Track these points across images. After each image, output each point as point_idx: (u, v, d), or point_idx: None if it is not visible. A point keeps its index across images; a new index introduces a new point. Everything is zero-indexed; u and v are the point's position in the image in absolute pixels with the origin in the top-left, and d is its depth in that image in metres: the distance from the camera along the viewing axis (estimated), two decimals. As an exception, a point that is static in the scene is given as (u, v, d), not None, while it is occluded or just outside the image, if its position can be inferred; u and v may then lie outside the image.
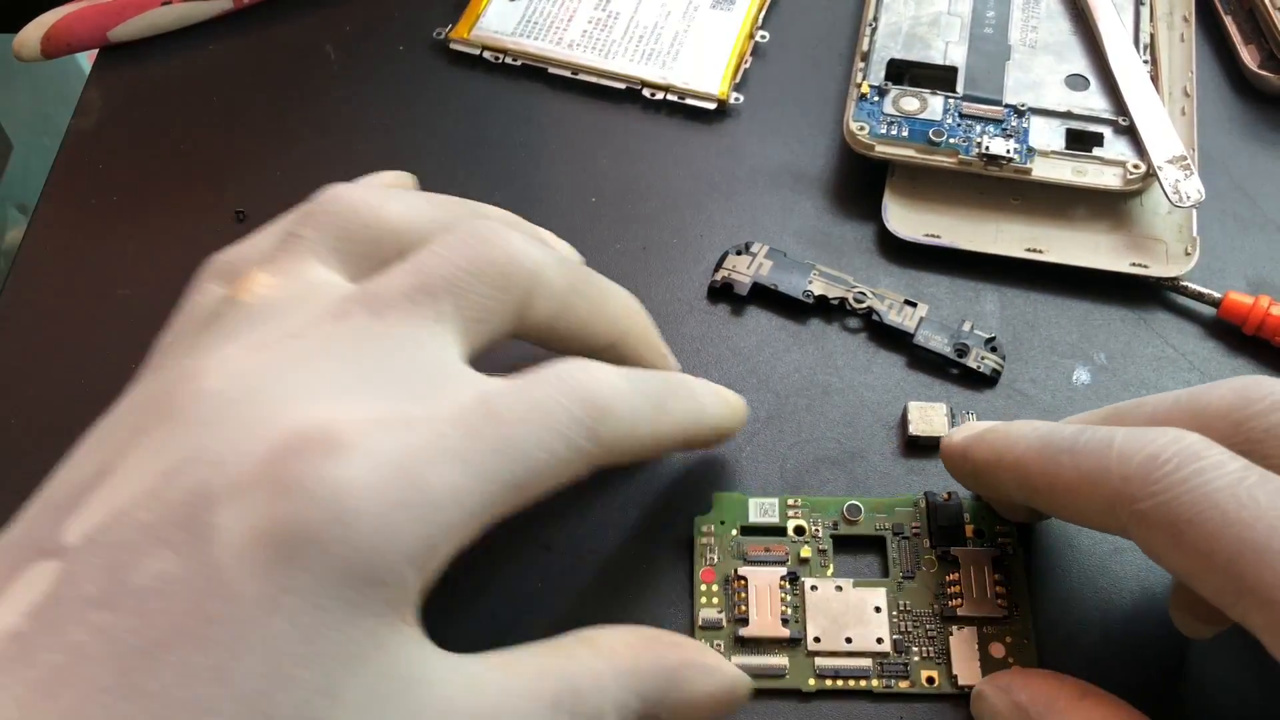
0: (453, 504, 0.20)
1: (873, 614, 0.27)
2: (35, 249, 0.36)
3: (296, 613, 0.18)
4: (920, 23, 0.38)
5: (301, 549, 0.18)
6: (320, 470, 0.19)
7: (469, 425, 0.21)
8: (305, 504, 0.18)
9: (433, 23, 0.40)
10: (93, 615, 0.18)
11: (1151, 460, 0.21)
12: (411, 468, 0.20)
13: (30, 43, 0.39)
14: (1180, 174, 0.33)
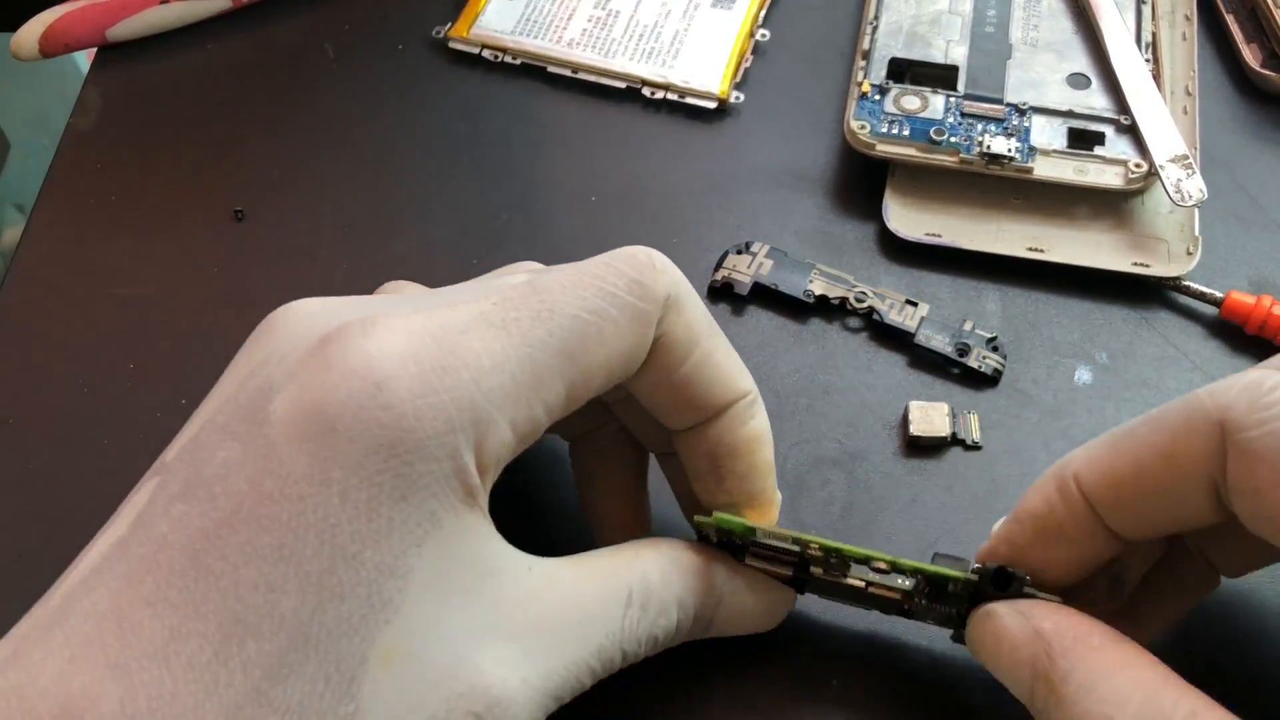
0: (494, 369, 0.20)
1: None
2: (33, 248, 0.35)
3: (348, 486, 0.19)
4: (921, 21, 0.38)
5: (342, 418, 0.19)
6: (357, 345, 0.19)
7: (510, 299, 0.21)
8: (342, 375, 0.19)
9: (432, 21, 0.40)
10: (174, 508, 0.19)
11: (1255, 386, 0.20)
12: (446, 337, 0.20)
13: (28, 42, 0.39)
14: (1182, 173, 0.33)
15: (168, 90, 0.39)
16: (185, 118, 0.39)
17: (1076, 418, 0.31)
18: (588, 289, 0.21)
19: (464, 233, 0.35)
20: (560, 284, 0.21)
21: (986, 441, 0.30)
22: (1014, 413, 0.31)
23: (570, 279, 0.22)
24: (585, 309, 0.21)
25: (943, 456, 0.30)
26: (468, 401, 0.20)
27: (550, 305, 0.21)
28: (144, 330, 0.34)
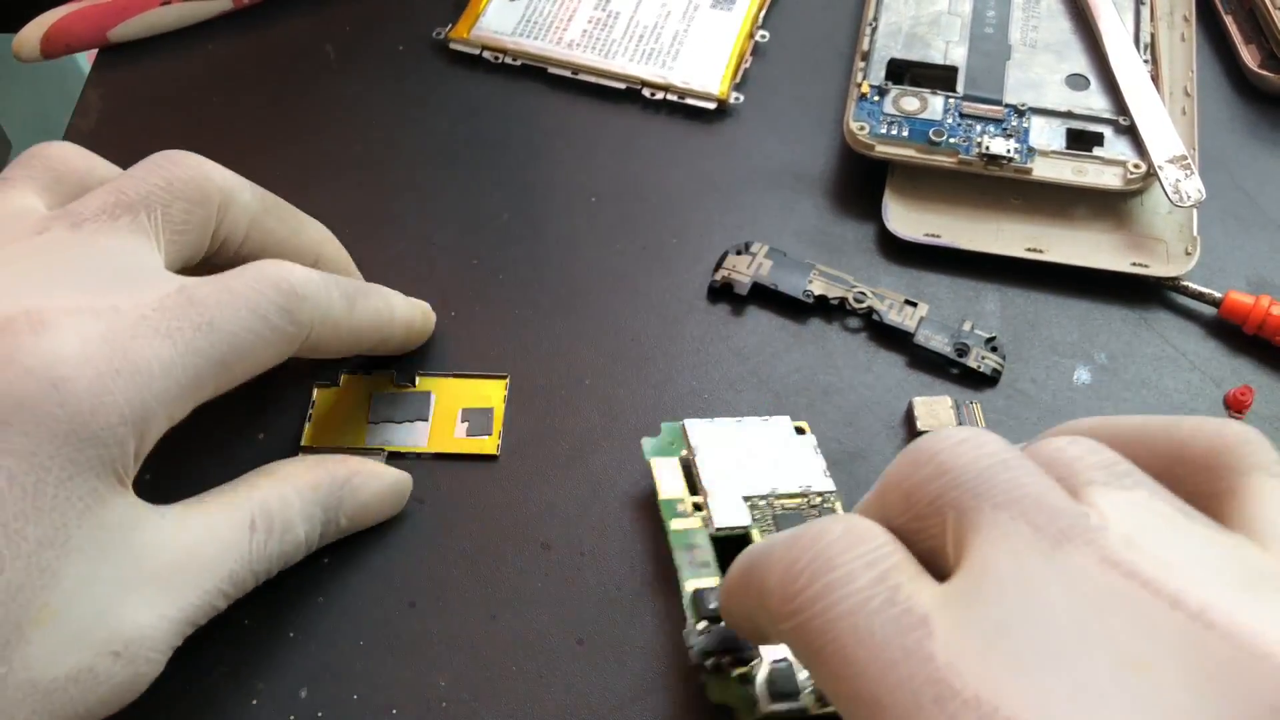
0: (162, 375, 0.23)
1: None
2: (34, 249, 0.35)
3: (17, 473, 0.20)
4: (920, 22, 0.38)
5: (17, 415, 0.21)
6: (30, 345, 0.21)
7: (171, 309, 0.23)
8: (18, 374, 0.21)
9: (432, 22, 0.40)
10: None
11: (788, 572, 0.18)
12: (118, 342, 0.22)
13: (30, 43, 0.39)
14: (1181, 173, 0.33)
15: (169, 91, 0.39)
16: (186, 118, 0.39)
17: (1075, 418, 0.31)
18: (243, 309, 0.24)
19: (464, 233, 0.35)
20: (216, 300, 0.24)
21: (985, 441, 0.30)
22: (1013, 413, 0.31)
23: (225, 298, 0.24)
24: (241, 328, 0.24)
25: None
26: (139, 402, 0.22)
27: (209, 320, 0.24)
28: (145, 330, 0.34)
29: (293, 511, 0.26)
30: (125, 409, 0.22)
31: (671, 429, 0.29)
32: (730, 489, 0.28)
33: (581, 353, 0.32)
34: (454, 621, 0.28)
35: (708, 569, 0.27)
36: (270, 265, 0.25)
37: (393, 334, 0.30)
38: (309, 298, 0.25)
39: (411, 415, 0.30)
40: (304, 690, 0.26)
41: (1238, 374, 0.32)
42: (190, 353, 0.23)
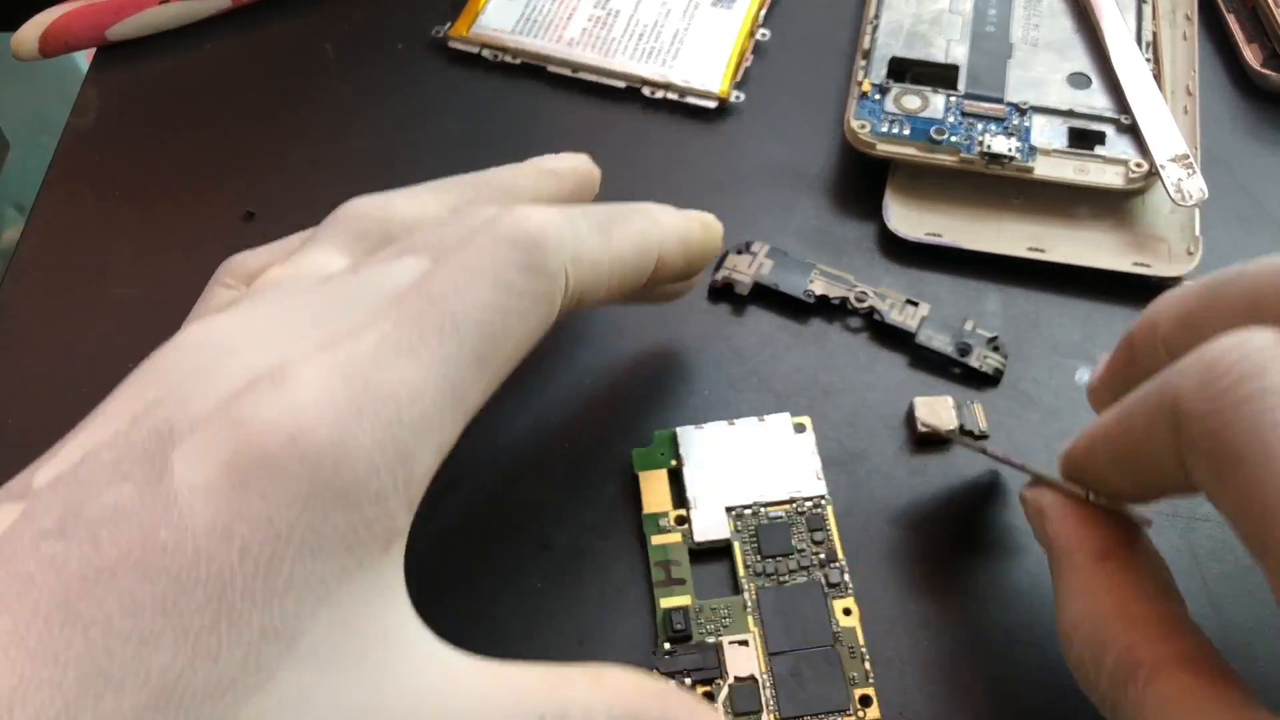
0: (413, 399, 0.19)
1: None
2: (33, 248, 0.35)
3: (250, 543, 0.17)
4: (922, 20, 0.38)
5: (254, 474, 0.18)
6: (270, 399, 0.18)
7: (410, 316, 0.20)
8: (256, 430, 0.18)
9: (431, 21, 0.40)
10: (45, 546, 0.17)
11: (1209, 370, 0.18)
12: (359, 375, 0.19)
13: (28, 41, 0.39)
14: (1183, 173, 0.33)
15: (168, 90, 0.39)
16: (185, 117, 0.39)
17: (1077, 418, 0.31)
18: (484, 287, 0.21)
19: (464, 232, 0.35)
20: (454, 288, 0.21)
21: (988, 442, 0.30)
22: (1015, 413, 0.31)
23: (463, 280, 0.21)
24: (488, 310, 0.21)
25: (944, 456, 0.30)
26: (390, 440, 0.19)
27: (452, 315, 0.20)
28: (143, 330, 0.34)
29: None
30: (375, 454, 0.18)
31: (663, 437, 0.29)
32: (715, 499, 0.28)
33: (581, 353, 0.32)
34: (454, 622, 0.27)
35: (682, 587, 0.27)
36: (502, 221, 0.22)
37: (669, 257, 0.26)
38: (553, 242, 0.22)
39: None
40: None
41: (1240, 374, 0.32)
42: (440, 362, 0.20)
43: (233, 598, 0.17)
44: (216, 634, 0.17)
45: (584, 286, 0.23)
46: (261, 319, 0.21)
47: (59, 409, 0.32)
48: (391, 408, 0.19)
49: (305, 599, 0.18)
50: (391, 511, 0.19)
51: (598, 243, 0.23)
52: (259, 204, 0.36)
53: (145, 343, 0.33)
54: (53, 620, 0.17)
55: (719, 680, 0.26)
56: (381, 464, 0.18)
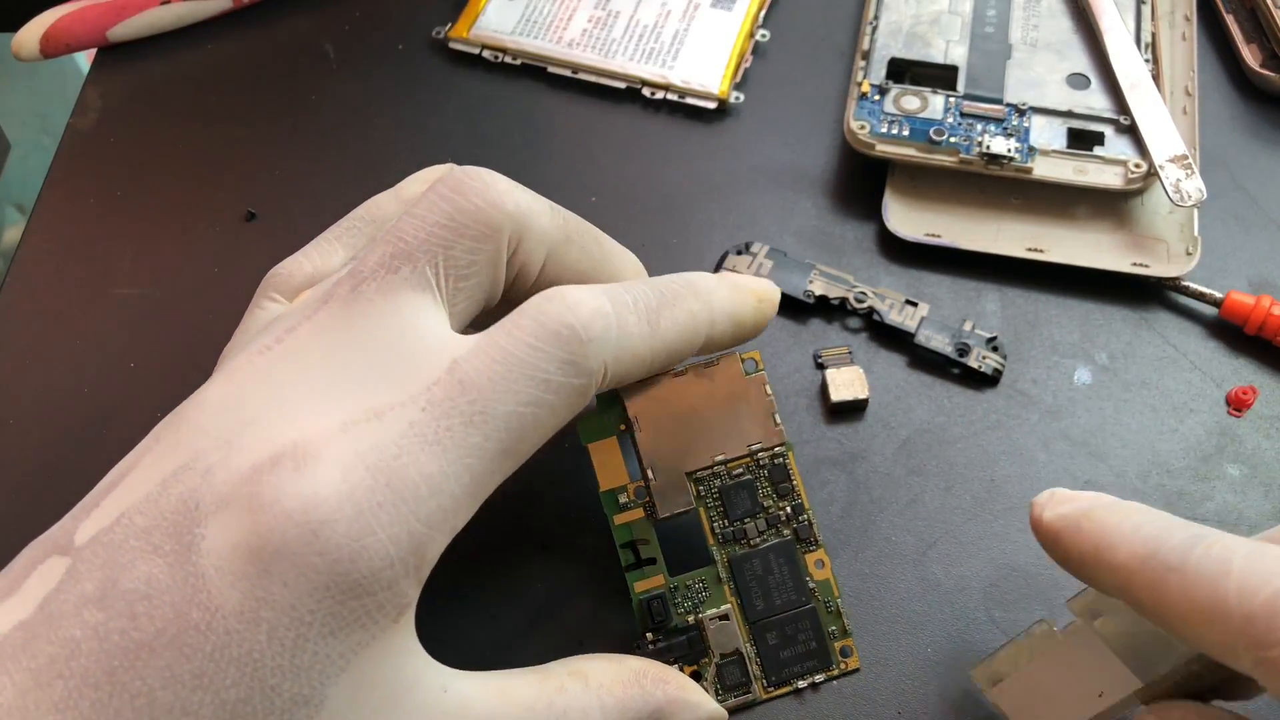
0: (432, 494, 0.20)
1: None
2: (34, 248, 0.35)
3: (276, 626, 0.19)
4: (921, 21, 0.38)
5: (277, 563, 0.19)
6: (292, 486, 0.19)
7: (440, 403, 0.20)
8: (278, 518, 0.19)
9: (432, 22, 0.40)
10: (88, 613, 0.19)
11: (1278, 599, 0.18)
12: (382, 467, 0.20)
13: (29, 42, 0.39)
14: (1181, 173, 0.33)
15: (168, 90, 0.39)
16: (185, 118, 0.39)
17: (1076, 418, 0.31)
18: (519, 381, 0.21)
19: (464, 233, 0.35)
20: (489, 378, 0.21)
21: (987, 442, 0.30)
22: (1014, 413, 0.31)
23: (498, 370, 0.21)
24: (520, 403, 0.21)
25: (944, 456, 0.30)
26: (405, 534, 0.20)
27: (483, 407, 0.21)
28: (144, 330, 0.34)
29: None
30: (390, 547, 0.19)
31: (606, 398, 0.27)
32: (673, 466, 0.26)
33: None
34: (454, 623, 0.28)
35: (654, 566, 0.26)
36: (548, 306, 0.21)
37: (719, 336, 0.25)
38: (596, 337, 0.22)
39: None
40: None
41: (1238, 374, 0.32)
42: (464, 454, 0.20)
43: (264, 674, 0.19)
44: (251, 704, 0.19)
45: (621, 374, 0.23)
46: (286, 377, 0.21)
47: (59, 409, 0.32)
48: (410, 503, 0.20)
49: (328, 671, 0.19)
50: (402, 591, 0.20)
51: (643, 334, 0.23)
52: (259, 204, 0.36)
53: (145, 343, 0.33)
54: (102, 689, 0.18)
55: (705, 660, 0.26)
56: (396, 556, 0.20)
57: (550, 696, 0.22)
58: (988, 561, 0.28)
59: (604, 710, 0.23)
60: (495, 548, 0.29)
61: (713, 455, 0.26)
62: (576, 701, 0.22)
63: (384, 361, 0.21)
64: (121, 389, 0.32)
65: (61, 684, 0.18)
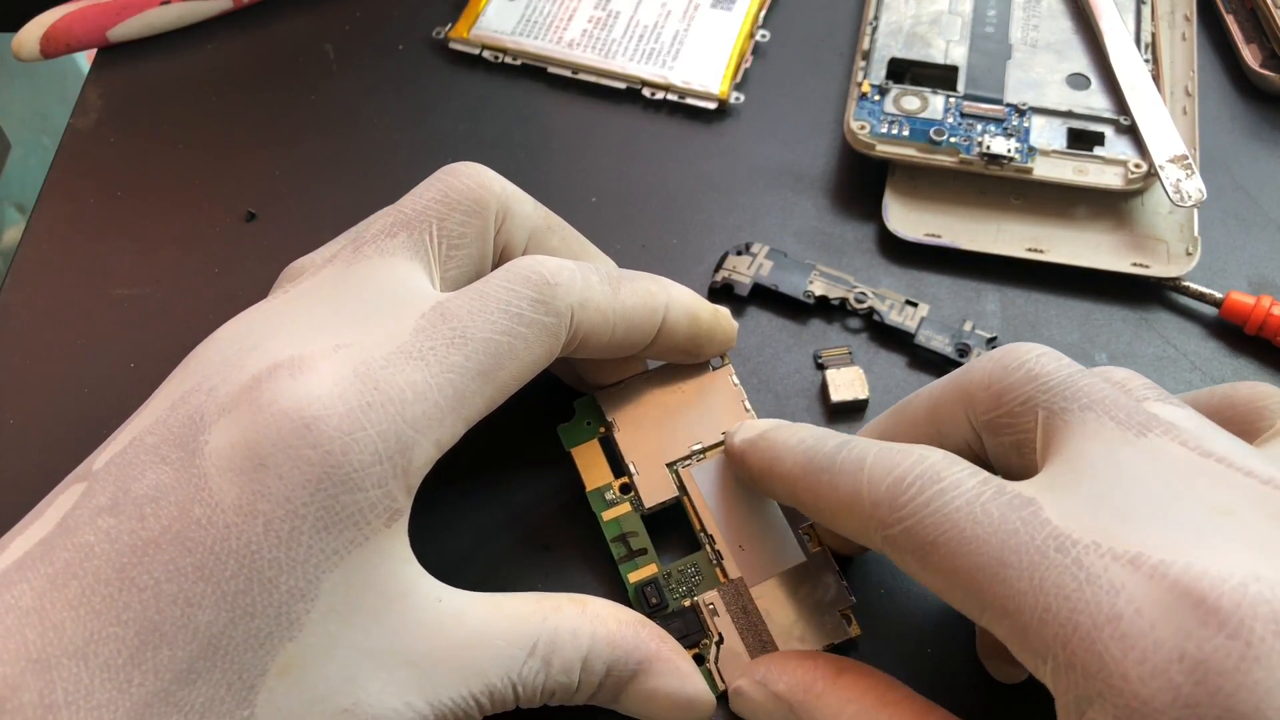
0: (417, 399, 0.22)
1: None
2: (34, 248, 0.35)
3: (272, 518, 0.20)
4: (921, 21, 0.38)
5: (272, 457, 0.20)
6: (288, 388, 0.21)
7: (425, 329, 0.23)
8: (274, 416, 0.21)
9: (432, 22, 0.40)
10: (101, 520, 0.20)
11: (897, 484, 0.21)
12: (370, 375, 0.22)
13: (29, 42, 0.39)
14: (1182, 173, 0.33)
15: (168, 90, 0.39)
16: (185, 118, 0.39)
17: (1076, 418, 0.31)
18: (494, 313, 0.23)
19: (464, 233, 0.35)
20: (468, 310, 0.23)
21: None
22: (1014, 413, 0.31)
23: (477, 304, 0.23)
24: (495, 331, 0.23)
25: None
26: (393, 433, 0.21)
27: (461, 332, 0.23)
28: (144, 330, 0.34)
29: (578, 654, 0.23)
30: (379, 443, 0.21)
31: (584, 405, 0.29)
32: (654, 459, 0.28)
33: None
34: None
35: (645, 556, 0.27)
36: (523, 261, 0.24)
37: (674, 324, 0.27)
38: (563, 284, 0.24)
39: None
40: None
41: (1238, 374, 0.32)
42: (445, 370, 0.22)
43: (260, 565, 0.20)
44: (250, 595, 0.20)
45: (588, 329, 0.25)
46: (289, 314, 0.24)
47: (59, 409, 0.32)
48: (396, 405, 0.21)
49: (322, 566, 0.21)
50: (392, 494, 0.21)
51: (605, 294, 0.25)
52: (259, 204, 0.36)
53: (146, 343, 0.33)
54: (112, 584, 0.20)
55: (705, 641, 0.26)
56: (384, 453, 0.21)
57: (545, 613, 0.23)
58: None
59: (594, 637, 0.24)
60: (495, 548, 0.29)
61: (689, 445, 0.28)
62: (569, 622, 0.24)
63: (377, 305, 0.23)
64: (121, 389, 0.32)
65: (76, 584, 0.20)
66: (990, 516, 0.20)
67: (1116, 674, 0.18)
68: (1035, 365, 0.22)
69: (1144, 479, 0.20)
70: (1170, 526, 0.19)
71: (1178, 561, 0.18)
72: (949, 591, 0.21)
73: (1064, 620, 0.18)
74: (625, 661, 0.24)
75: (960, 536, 0.20)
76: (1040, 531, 0.19)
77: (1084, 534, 0.19)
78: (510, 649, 0.23)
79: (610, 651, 0.24)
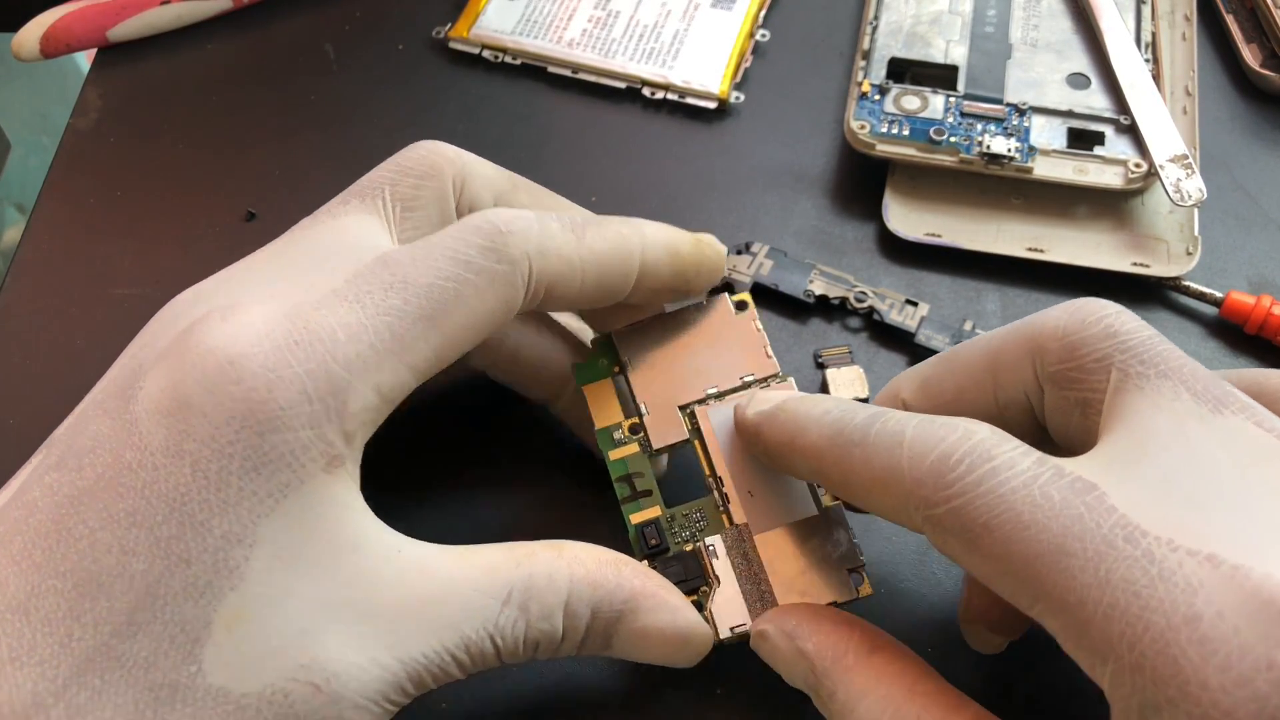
0: (350, 340, 0.21)
1: None
2: (34, 248, 0.35)
3: (199, 458, 0.20)
4: (921, 21, 0.38)
5: (197, 396, 0.20)
6: (217, 330, 0.21)
7: (364, 275, 0.22)
8: (200, 355, 0.20)
9: (432, 21, 0.40)
10: (48, 477, 0.21)
11: (943, 461, 0.20)
12: (300, 314, 0.21)
13: (29, 42, 0.39)
14: (1182, 173, 0.33)
15: (168, 90, 0.39)
16: (185, 118, 0.39)
17: (1076, 418, 0.31)
18: (439, 259, 0.22)
19: (464, 233, 0.35)
20: (410, 257, 0.22)
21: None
22: (1014, 413, 0.31)
23: (420, 252, 0.22)
24: (440, 277, 0.22)
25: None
26: (323, 373, 0.20)
27: (402, 277, 0.22)
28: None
29: (557, 599, 0.22)
30: (307, 382, 0.20)
31: (601, 344, 0.28)
32: (666, 400, 0.26)
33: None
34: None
35: (650, 498, 0.26)
36: (477, 213, 0.23)
37: (654, 264, 0.26)
38: (517, 231, 0.23)
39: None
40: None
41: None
42: (382, 313, 0.21)
43: (191, 508, 0.20)
44: (184, 541, 0.19)
45: (552, 277, 0.24)
46: (238, 274, 0.24)
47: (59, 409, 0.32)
48: (327, 344, 0.21)
49: (256, 509, 0.20)
50: (326, 436, 0.20)
51: (567, 239, 0.24)
52: (259, 204, 0.36)
53: (146, 343, 0.33)
54: (51, 536, 0.20)
55: (705, 588, 0.25)
56: (314, 393, 0.20)
57: (518, 559, 0.22)
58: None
59: (573, 580, 0.22)
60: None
61: (705, 389, 0.27)
62: (544, 567, 0.22)
63: (324, 259, 0.23)
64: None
65: (19, 539, 0.20)
66: (1051, 500, 0.19)
67: (1194, 681, 0.16)
68: (1115, 322, 0.21)
69: (1217, 462, 0.19)
70: (1247, 521, 0.18)
71: (1258, 567, 0.17)
72: (997, 578, 0.19)
73: (1133, 618, 0.17)
74: (610, 602, 0.23)
75: (1017, 521, 0.19)
76: (1106, 519, 0.18)
77: (1154, 525, 0.18)
78: (483, 599, 0.21)
79: (592, 593, 0.22)
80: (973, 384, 0.23)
